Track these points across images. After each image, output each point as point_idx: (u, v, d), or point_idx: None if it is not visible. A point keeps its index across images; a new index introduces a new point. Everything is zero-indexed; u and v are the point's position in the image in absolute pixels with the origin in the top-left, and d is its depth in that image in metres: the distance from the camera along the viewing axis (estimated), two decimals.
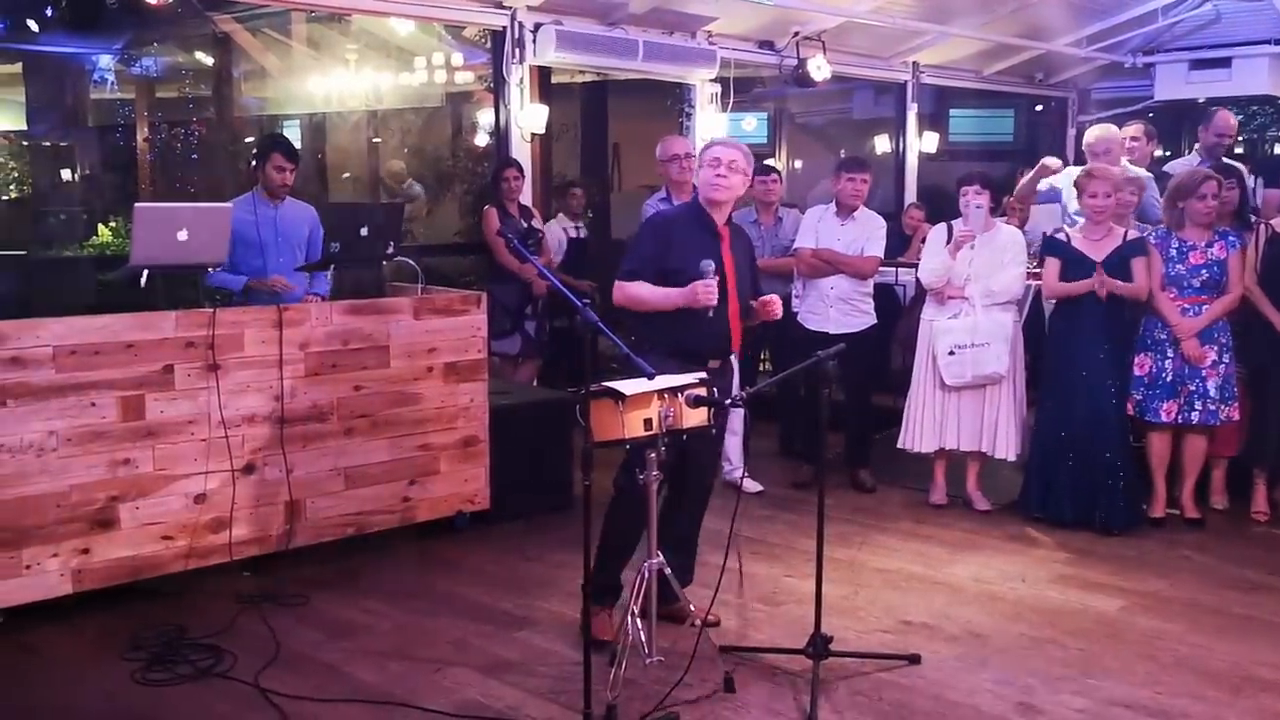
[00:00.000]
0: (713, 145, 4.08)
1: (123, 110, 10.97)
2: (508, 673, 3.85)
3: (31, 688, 3.73)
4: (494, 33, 7.10)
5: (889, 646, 4.03)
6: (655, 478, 3.60)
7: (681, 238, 3.97)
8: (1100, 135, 6.12)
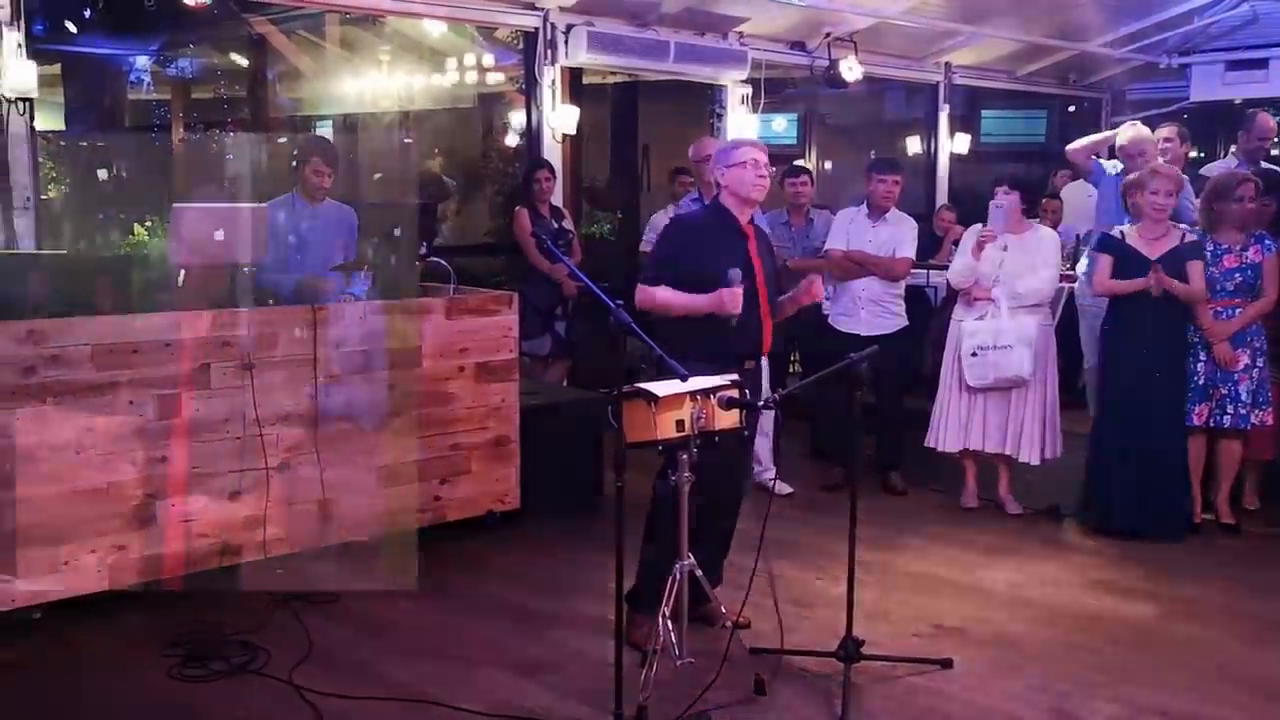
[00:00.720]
0: (742, 146, 4.05)
1: (159, 111, 11.09)
2: (538, 672, 3.86)
3: (71, 682, 3.78)
4: (526, 34, 7.13)
5: (921, 651, 4.01)
6: (687, 479, 3.60)
7: (707, 241, 3.96)
8: (1133, 136, 6.07)
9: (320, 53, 9.86)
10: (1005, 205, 5.40)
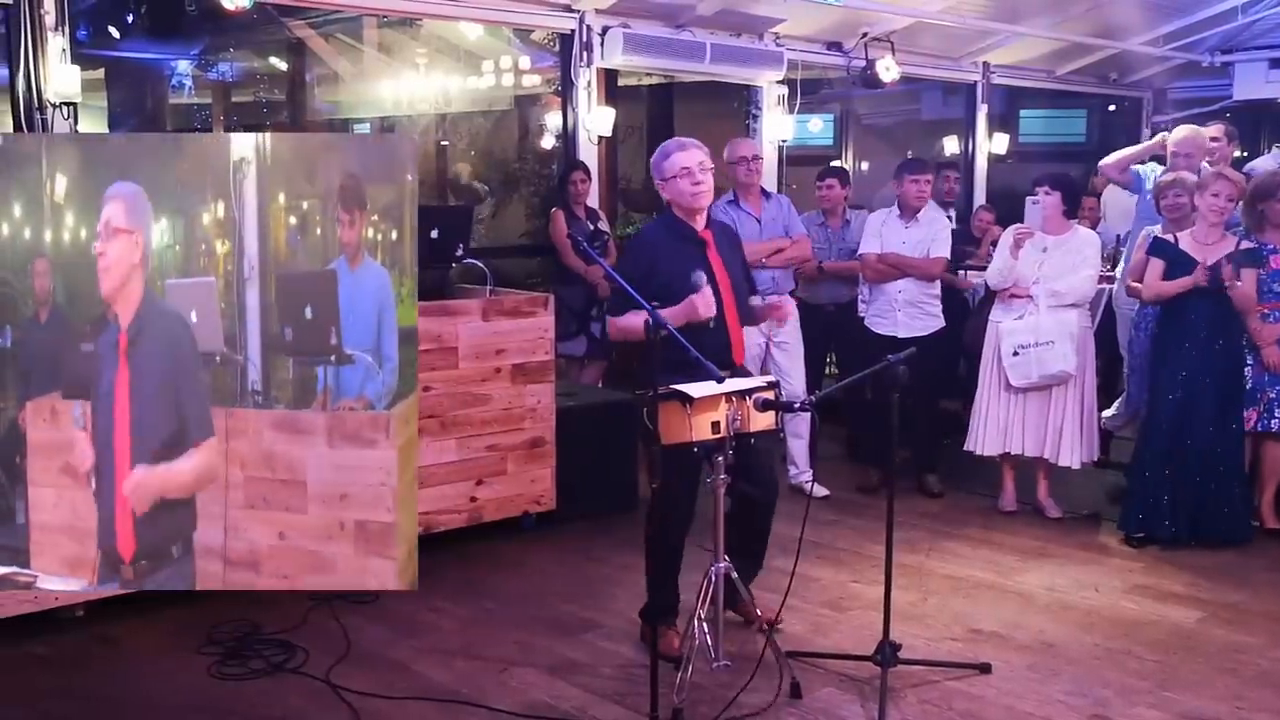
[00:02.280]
0: (672, 155, 3.86)
1: (199, 114, 11.22)
2: (573, 674, 3.87)
3: (112, 679, 3.83)
4: (562, 36, 7.14)
5: (958, 655, 3.98)
6: (723, 480, 3.59)
7: (666, 254, 3.84)
8: (1185, 136, 5.99)
9: (358, 56, 9.94)
10: (1043, 204, 5.35)
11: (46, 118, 5.15)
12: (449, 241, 5.16)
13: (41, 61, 5.15)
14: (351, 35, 9.82)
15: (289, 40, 9.72)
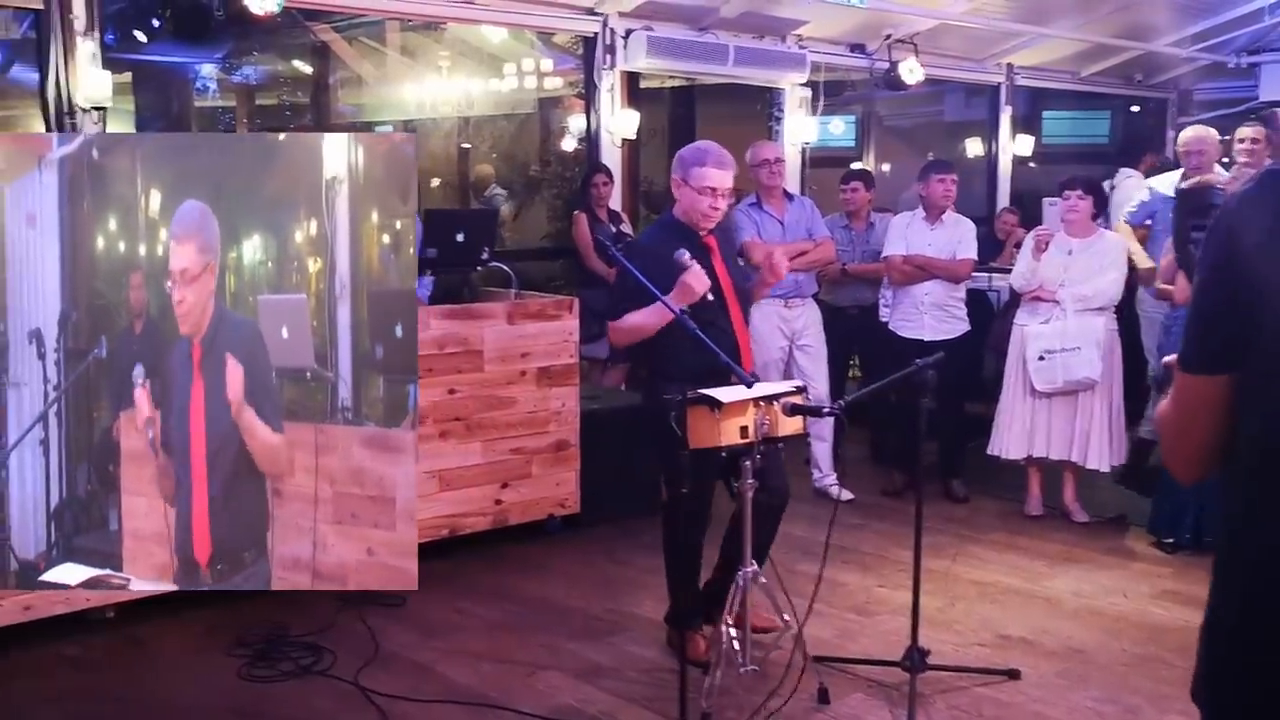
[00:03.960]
0: (707, 165, 3.76)
1: (224, 117, 11.28)
2: (600, 678, 3.87)
3: (143, 680, 3.86)
4: (585, 39, 7.16)
5: (986, 661, 3.96)
6: (750, 485, 3.59)
7: (667, 260, 3.71)
8: (1193, 136, 5.96)
9: (381, 59, 9.98)
10: (1076, 207, 5.33)
11: (76, 122, 5.20)
12: (474, 245, 5.18)
13: (71, 66, 5.20)
14: (374, 38, 9.86)
15: (312, 43, 9.76)
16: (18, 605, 4.01)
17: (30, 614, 4.05)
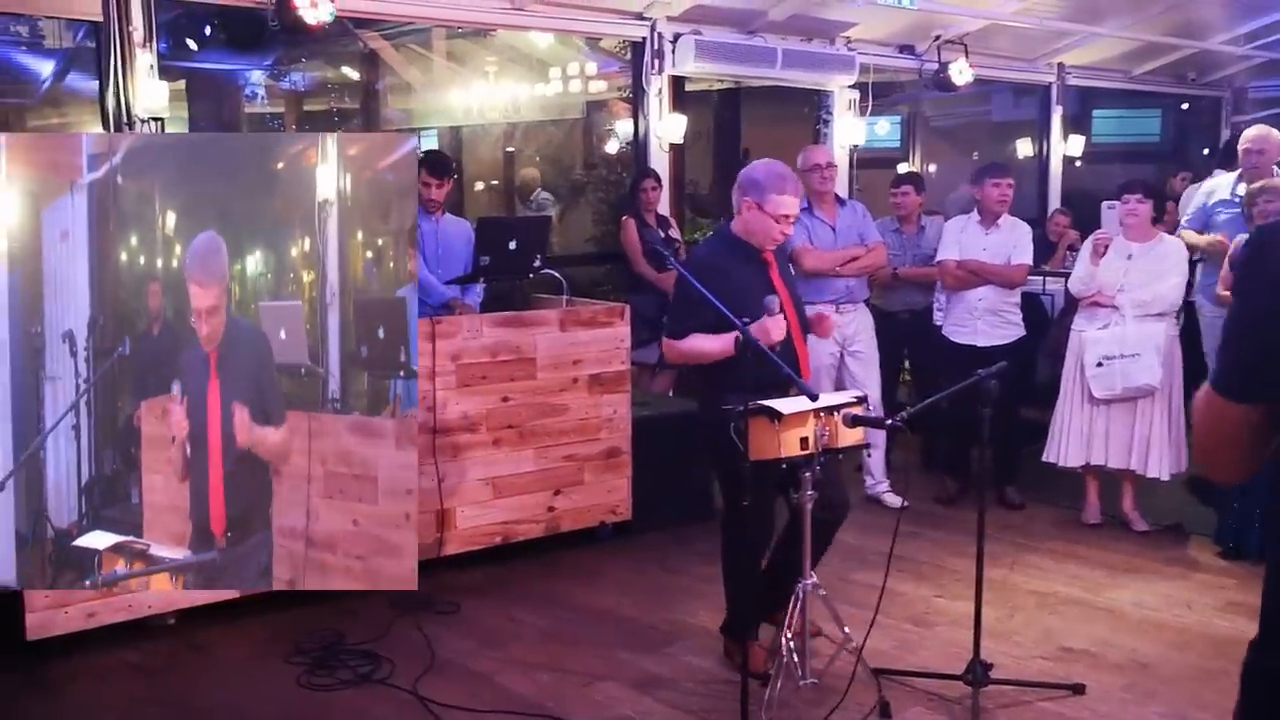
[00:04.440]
0: (786, 192, 3.74)
1: (273, 124, 11.39)
2: (658, 689, 3.86)
3: (204, 687, 3.89)
4: (634, 44, 7.15)
5: (1049, 674, 3.91)
6: (810, 496, 3.56)
7: (734, 276, 3.75)
8: (1256, 135, 5.86)
9: (429, 65, 10.03)
10: (1136, 212, 5.24)
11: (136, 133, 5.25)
12: (527, 252, 5.18)
13: (130, 77, 5.26)
14: (422, 45, 9.90)
15: (361, 50, 9.83)
16: (82, 612, 4.07)
17: (94, 621, 4.10)
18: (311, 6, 5.40)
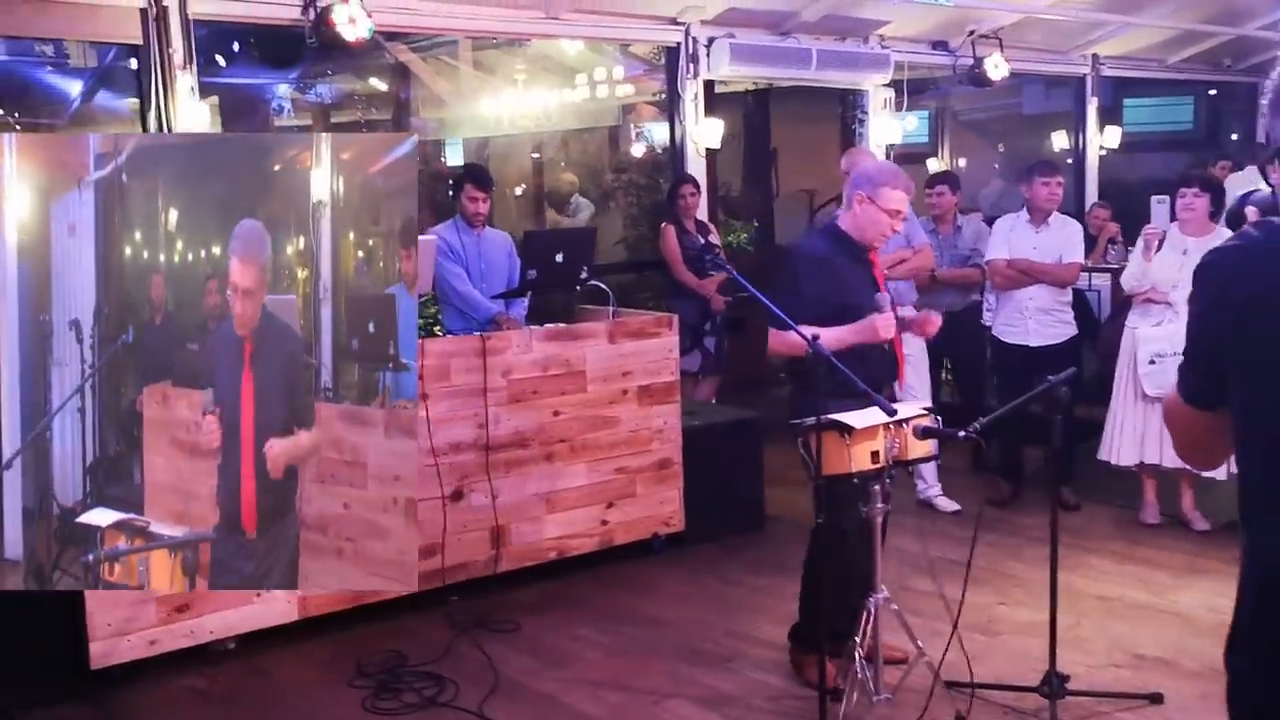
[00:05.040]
0: (899, 187, 3.76)
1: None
2: (727, 706, 3.81)
3: (271, 713, 3.88)
4: (668, 49, 7.10)
5: (1124, 683, 3.84)
6: (880, 510, 3.51)
7: (840, 272, 3.78)
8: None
9: (457, 75, 10.01)
10: (1195, 207, 5.16)
11: None
12: (573, 264, 5.14)
13: (171, 98, 5.26)
14: (450, 56, 9.88)
15: (389, 63, 9.81)
16: (144, 640, 4.07)
17: (155, 648, 4.10)
18: (350, 23, 5.39)
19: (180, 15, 5.23)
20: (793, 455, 6.01)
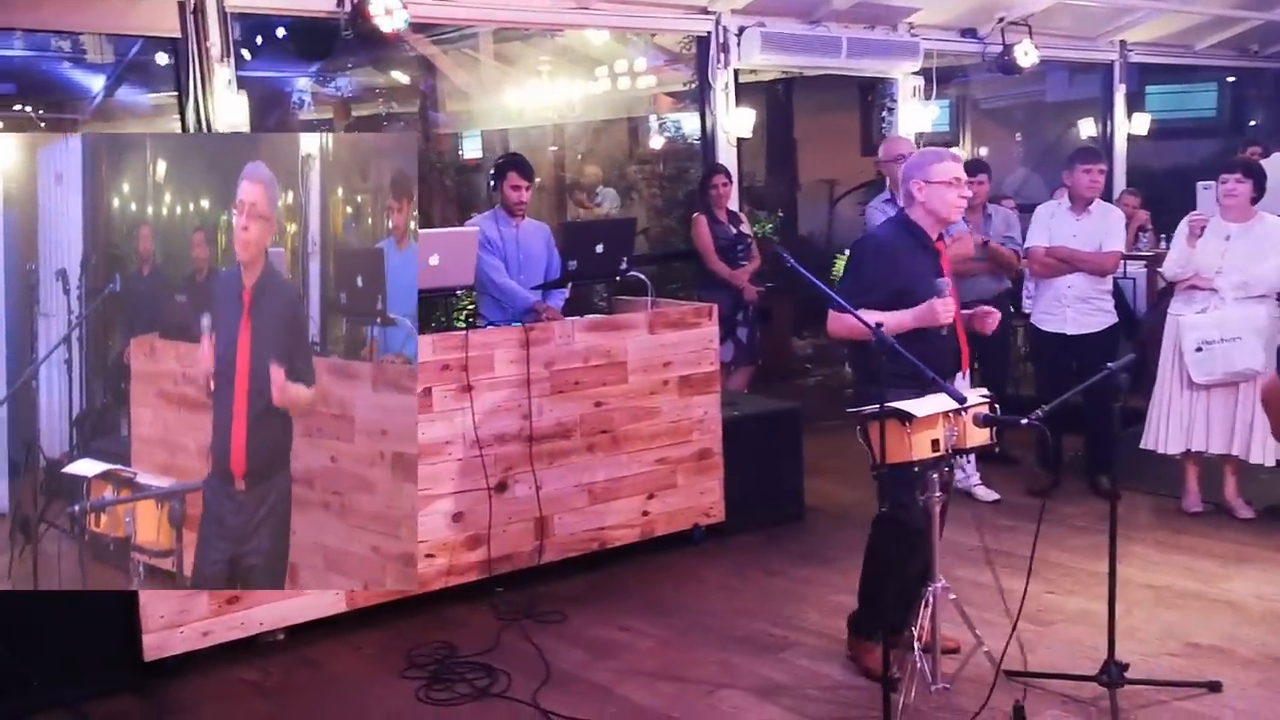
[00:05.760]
0: (945, 160, 3.80)
1: (321, 130, 11.40)
2: (781, 696, 3.80)
3: (325, 704, 3.87)
4: (699, 39, 7.07)
5: (1180, 671, 3.82)
6: (939, 499, 3.49)
7: (906, 258, 3.77)
8: None
9: (479, 67, 9.99)
10: (1235, 192, 5.12)
11: None
12: (613, 255, 5.12)
13: (209, 91, 5.25)
14: (472, 48, 9.86)
15: (410, 55, 9.80)
16: (196, 632, 4.07)
17: (208, 639, 4.10)
18: (386, 14, 5.38)
19: (218, 7, 5.23)
20: (829, 446, 6.15)
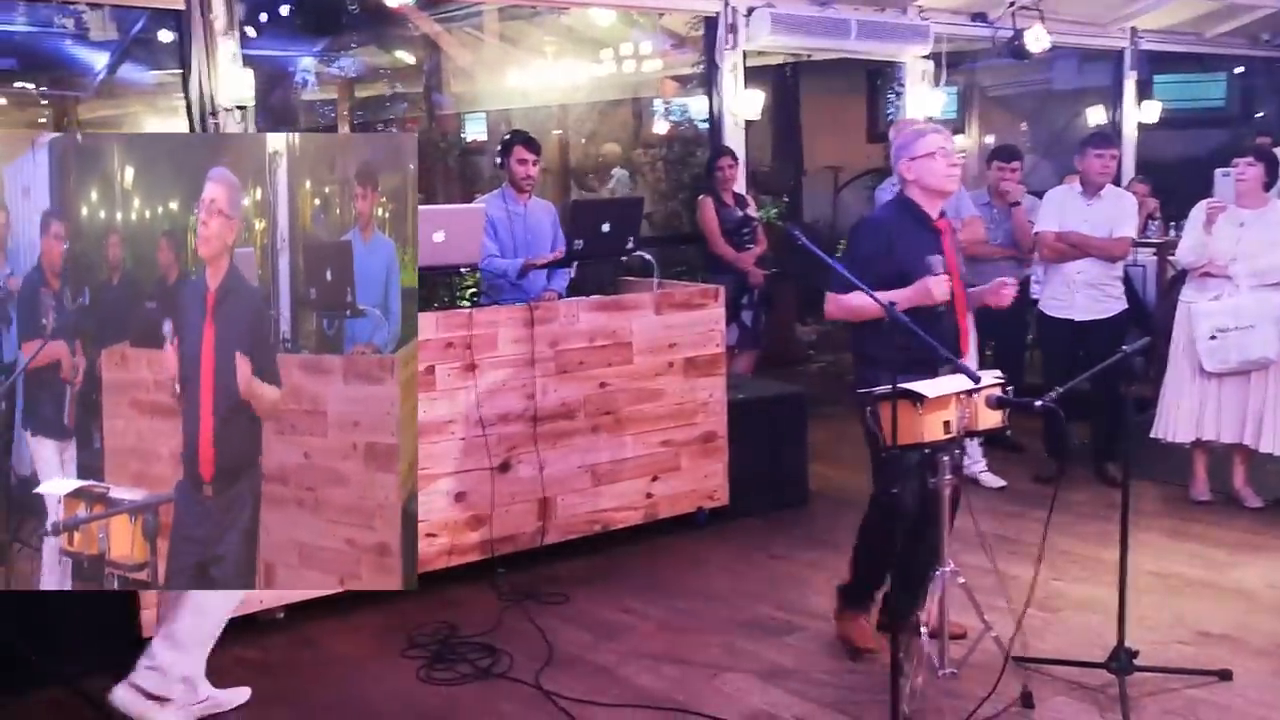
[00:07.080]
0: (927, 134, 3.77)
1: (324, 109, 11.33)
2: (786, 679, 3.76)
3: (325, 684, 3.83)
4: (707, 19, 7.00)
5: (1190, 660, 3.78)
6: (950, 481, 3.44)
7: (902, 238, 3.72)
8: None
9: (483, 47, 9.91)
10: (1246, 176, 5.06)
11: (219, 121, 5.19)
12: (620, 234, 5.07)
13: (212, 66, 5.19)
14: (475, 27, 9.79)
15: (414, 34, 9.72)
16: None
17: None
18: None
19: None
20: (833, 431, 6.10)
